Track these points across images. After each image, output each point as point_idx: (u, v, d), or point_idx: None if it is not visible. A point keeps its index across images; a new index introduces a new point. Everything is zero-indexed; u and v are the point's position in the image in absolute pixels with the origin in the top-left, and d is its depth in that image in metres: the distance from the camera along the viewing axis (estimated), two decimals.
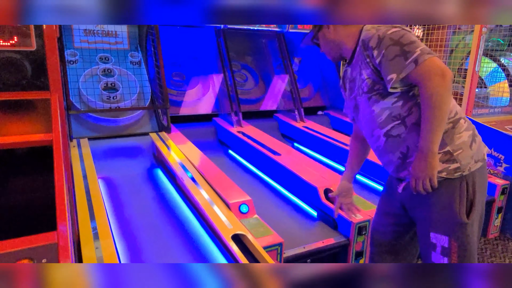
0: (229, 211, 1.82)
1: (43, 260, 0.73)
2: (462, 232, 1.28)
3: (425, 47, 1.23)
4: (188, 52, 3.62)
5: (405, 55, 1.22)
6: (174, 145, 2.63)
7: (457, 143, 1.29)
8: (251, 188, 2.45)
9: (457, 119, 1.32)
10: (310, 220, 2.11)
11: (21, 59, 1.28)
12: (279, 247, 1.66)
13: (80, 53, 2.97)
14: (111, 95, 2.90)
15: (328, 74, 4.13)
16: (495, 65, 4.40)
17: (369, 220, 1.90)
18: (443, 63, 1.21)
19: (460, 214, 1.28)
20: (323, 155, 3.12)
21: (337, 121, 3.84)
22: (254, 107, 3.73)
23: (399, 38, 1.25)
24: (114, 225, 1.93)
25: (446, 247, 1.31)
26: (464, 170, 1.28)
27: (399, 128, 1.33)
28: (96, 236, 1.51)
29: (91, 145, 2.54)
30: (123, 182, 2.43)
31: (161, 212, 2.10)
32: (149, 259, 1.69)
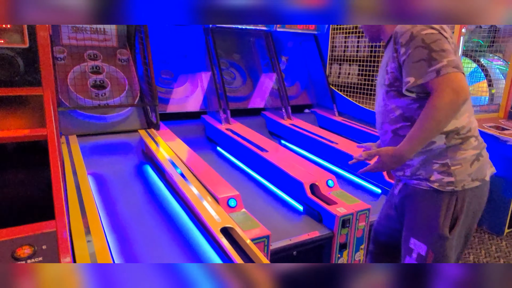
0: (218, 206, 1.87)
1: (43, 246, 0.77)
2: (440, 245, 1.30)
3: (454, 60, 1.18)
4: (177, 50, 3.65)
5: (430, 61, 1.18)
6: (163, 142, 2.66)
7: (458, 158, 1.28)
8: (239, 183, 2.50)
9: (468, 136, 1.30)
10: (296, 214, 2.18)
11: (14, 56, 1.31)
12: (266, 239, 1.72)
13: (68, 50, 2.97)
14: (100, 92, 2.91)
15: (314, 73, 4.21)
16: (475, 66, 4.56)
17: (352, 214, 1.98)
18: (465, 82, 1.17)
19: (442, 227, 1.29)
20: (310, 152, 3.19)
21: (323, 119, 3.93)
22: (242, 104, 3.78)
23: (431, 42, 1.19)
24: (104, 219, 1.96)
25: (423, 255, 1.34)
26: (457, 186, 1.28)
27: (407, 129, 1.31)
28: (88, 231, 1.54)
29: (80, 142, 2.56)
30: (113, 178, 2.46)
31: (150, 207, 2.14)
32: (140, 252, 1.73)
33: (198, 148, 2.94)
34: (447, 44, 1.20)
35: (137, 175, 2.55)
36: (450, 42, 1.23)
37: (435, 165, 1.29)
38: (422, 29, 1.22)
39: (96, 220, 1.61)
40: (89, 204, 1.74)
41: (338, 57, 4.41)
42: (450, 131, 1.28)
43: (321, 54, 4.07)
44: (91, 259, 1.36)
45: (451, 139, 1.29)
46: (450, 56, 1.18)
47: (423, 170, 1.32)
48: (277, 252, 1.83)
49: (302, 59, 4.31)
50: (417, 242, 1.35)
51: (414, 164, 1.35)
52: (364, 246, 2.11)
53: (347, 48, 4.36)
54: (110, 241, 1.78)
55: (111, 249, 1.70)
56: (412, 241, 1.37)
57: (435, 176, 1.29)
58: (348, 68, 4.39)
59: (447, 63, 1.17)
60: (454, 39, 1.29)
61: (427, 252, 1.32)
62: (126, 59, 3.22)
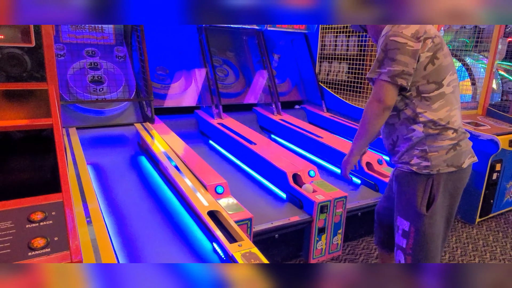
0: (206, 192, 2.04)
1: (53, 212, 0.95)
2: (420, 221, 1.47)
3: (395, 70, 1.34)
4: (172, 47, 3.81)
5: (380, 64, 1.39)
6: (158, 135, 2.83)
7: (435, 146, 1.43)
8: (228, 173, 2.68)
9: (446, 128, 1.43)
10: (280, 202, 2.36)
11: (22, 54, 1.47)
12: (249, 221, 1.90)
13: (68, 47, 3.13)
14: (98, 87, 3.07)
15: (305, 71, 4.37)
16: (460, 64, 4.74)
17: (330, 201, 2.16)
18: (391, 94, 1.37)
19: (420, 205, 1.46)
20: (298, 145, 3.37)
21: (313, 115, 4.10)
22: (235, 100, 3.95)
23: (390, 49, 1.36)
24: (103, 205, 2.14)
25: (406, 231, 1.52)
26: (433, 170, 1.43)
27: (394, 118, 1.50)
28: (89, 218, 1.68)
29: (79, 134, 2.72)
30: (110, 168, 2.63)
31: (145, 194, 2.31)
32: (135, 235, 1.90)
33: (191, 141, 3.12)
34: (404, 54, 1.35)
35: (133, 166, 2.72)
36: (415, 52, 1.35)
37: (416, 151, 1.45)
38: (394, 34, 1.38)
39: (95, 208, 1.77)
40: (89, 193, 1.90)
41: (328, 55, 4.57)
42: (428, 121, 1.42)
43: (311, 53, 4.24)
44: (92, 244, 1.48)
45: (428, 129, 1.43)
46: (397, 66, 1.35)
47: (406, 155, 1.49)
48: (260, 234, 2.00)
49: (293, 57, 4.48)
50: (402, 219, 1.54)
51: (400, 150, 1.52)
52: (342, 231, 2.29)
53: (337, 47, 4.53)
54: (108, 224, 1.95)
55: (109, 230, 1.87)
56: (398, 219, 1.56)
57: (414, 160, 1.46)
58: (338, 66, 4.56)
59: (386, 71, 1.36)
60: (438, 44, 1.40)
61: (409, 228, 1.50)
62: (123, 56, 3.38)
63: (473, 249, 2.54)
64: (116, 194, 2.27)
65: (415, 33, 1.37)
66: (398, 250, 1.59)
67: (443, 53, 1.41)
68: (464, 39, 5.16)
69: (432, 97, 1.42)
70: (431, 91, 1.41)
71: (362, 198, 2.51)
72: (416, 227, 1.49)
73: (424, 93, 1.41)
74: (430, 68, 1.40)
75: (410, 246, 1.53)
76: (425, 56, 1.38)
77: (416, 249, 1.52)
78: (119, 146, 2.94)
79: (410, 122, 1.46)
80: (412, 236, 1.51)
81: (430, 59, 1.39)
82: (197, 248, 1.76)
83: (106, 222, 1.91)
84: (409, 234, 1.51)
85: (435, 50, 1.39)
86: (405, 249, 1.55)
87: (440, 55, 1.40)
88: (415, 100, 1.43)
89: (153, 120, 3.09)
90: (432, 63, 1.40)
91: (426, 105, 1.42)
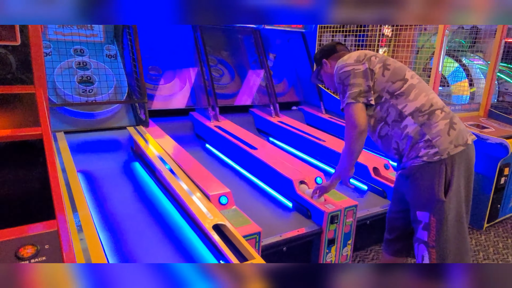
0: (209, 203, 1.89)
1: (46, 246, 0.79)
2: (439, 209, 1.46)
3: (354, 92, 1.54)
4: (165, 46, 3.63)
5: (343, 94, 1.58)
6: (152, 139, 2.66)
7: (434, 131, 1.47)
8: (229, 180, 2.53)
9: (432, 110, 1.50)
10: (286, 211, 2.22)
11: (6, 53, 1.30)
12: (257, 235, 1.76)
13: (54, 45, 2.93)
14: (87, 88, 2.88)
15: (302, 71, 4.25)
16: (457, 65, 4.69)
17: (340, 210, 2.04)
18: (359, 113, 1.53)
19: (438, 192, 1.45)
20: (298, 149, 3.24)
21: (311, 116, 3.98)
22: (230, 101, 3.79)
23: (344, 78, 1.58)
24: (95, 217, 1.96)
25: (427, 222, 1.49)
26: (443, 154, 1.45)
27: (385, 128, 1.58)
28: (80, 228, 1.54)
29: (68, 139, 2.53)
30: (102, 175, 2.45)
31: (141, 205, 2.15)
32: (132, 250, 1.74)
33: (187, 145, 2.95)
34: (356, 77, 1.55)
35: (127, 173, 2.55)
36: (364, 72, 1.55)
37: (420, 143, 1.48)
38: (340, 68, 1.61)
39: (87, 217, 1.61)
40: (79, 201, 1.74)
41: None
42: (413, 111, 1.51)
43: (309, 52, 4.12)
44: (84, 255, 1.36)
45: (417, 118, 1.50)
46: (354, 87, 1.54)
47: (413, 151, 1.51)
48: (267, 248, 1.87)
49: (289, 56, 4.35)
50: (421, 212, 1.51)
51: (406, 151, 1.54)
52: (351, 241, 2.17)
53: None
54: (102, 238, 1.78)
55: (103, 245, 1.71)
56: (418, 213, 1.53)
57: (423, 151, 1.47)
58: None
59: (348, 95, 1.55)
60: (381, 57, 1.62)
61: (429, 218, 1.48)
62: (114, 55, 3.19)
63: (484, 257, 2.45)
64: (110, 205, 2.10)
65: (357, 58, 1.60)
66: (420, 244, 1.54)
67: (390, 61, 1.62)
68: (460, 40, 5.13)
69: (404, 91, 1.54)
70: (400, 87, 1.55)
71: (370, 205, 2.40)
72: (436, 216, 1.47)
73: (396, 91, 1.55)
74: (387, 73, 1.57)
75: (432, 238, 1.50)
76: (378, 67, 1.58)
77: (438, 239, 1.48)
78: (111, 151, 2.76)
79: (399, 121, 1.54)
80: (434, 226, 1.48)
81: (383, 67, 1.58)
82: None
83: (100, 237, 1.75)
84: (430, 224, 1.49)
85: (383, 61, 1.60)
86: (427, 242, 1.51)
87: (390, 62, 1.61)
88: (392, 101, 1.55)
89: (147, 123, 2.92)
90: (387, 69, 1.58)
91: (403, 100, 1.53)
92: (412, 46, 4.07)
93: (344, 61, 1.61)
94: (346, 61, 1.61)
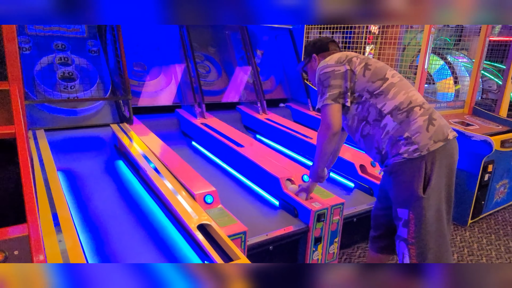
0: (194, 202, 1.86)
1: (15, 252, 0.74)
2: (418, 205, 1.45)
3: (333, 93, 1.57)
4: (150, 42, 3.55)
5: (320, 96, 1.61)
6: (136, 136, 2.60)
7: (413, 128, 1.47)
8: (215, 179, 2.49)
9: (411, 108, 1.50)
10: (273, 209, 2.20)
11: None
12: (243, 235, 1.73)
13: (34, 40, 2.83)
14: (69, 85, 2.80)
15: (289, 68, 4.23)
16: (443, 63, 4.74)
17: (327, 208, 2.02)
18: (335, 115, 1.56)
19: (417, 189, 1.45)
20: (285, 146, 3.22)
21: (298, 114, 3.96)
22: (217, 98, 3.75)
23: (324, 80, 1.60)
24: (76, 217, 1.91)
25: (406, 219, 1.49)
26: (422, 150, 1.44)
27: (367, 127, 1.58)
28: (59, 228, 1.48)
29: (48, 137, 2.45)
30: (84, 173, 2.39)
31: (124, 203, 2.09)
32: (114, 250, 1.69)
33: (173, 142, 2.90)
34: (334, 79, 1.58)
35: (110, 171, 2.48)
36: (344, 73, 1.58)
37: (401, 141, 1.48)
38: (321, 68, 1.63)
39: (66, 217, 1.55)
40: (59, 201, 1.68)
41: None
42: (392, 109, 1.51)
43: (296, 49, 4.10)
44: (63, 257, 1.31)
45: (396, 116, 1.50)
46: (332, 89, 1.58)
47: (394, 148, 1.51)
48: (254, 248, 1.84)
49: (277, 53, 4.32)
50: (401, 209, 1.51)
51: (388, 150, 1.53)
52: (338, 239, 2.16)
53: None
54: (82, 239, 1.73)
55: (84, 246, 1.66)
56: (398, 210, 1.53)
57: (403, 149, 1.47)
58: None
59: (326, 97, 1.58)
60: (363, 59, 1.63)
61: (408, 215, 1.48)
62: (97, 50, 3.11)
63: (469, 253, 2.48)
64: (91, 205, 2.04)
65: (338, 59, 1.62)
66: (400, 242, 1.55)
67: (373, 61, 1.62)
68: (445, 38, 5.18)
69: (384, 89, 1.55)
70: (379, 86, 1.55)
71: (357, 202, 2.40)
72: (415, 213, 1.47)
73: (375, 91, 1.55)
74: (368, 73, 1.58)
75: (412, 234, 1.49)
76: (359, 68, 1.59)
77: (418, 236, 1.48)
78: (94, 150, 2.69)
79: (379, 120, 1.53)
80: (413, 223, 1.48)
81: (364, 68, 1.59)
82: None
83: (80, 237, 1.70)
84: (409, 221, 1.48)
85: (364, 62, 1.61)
86: (407, 239, 1.51)
87: (371, 62, 1.61)
88: (372, 100, 1.55)
89: (131, 121, 2.85)
90: (368, 69, 1.59)
91: (382, 98, 1.54)
92: (399, 44, 4.09)
93: (325, 63, 1.63)
94: (327, 63, 1.63)
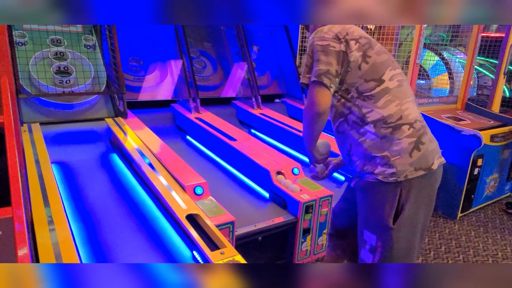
0: (185, 193, 1.90)
1: None
2: (387, 235, 1.32)
3: (320, 69, 1.31)
4: (146, 37, 3.59)
5: (308, 69, 1.36)
6: (131, 130, 2.64)
7: (395, 149, 1.29)
8: (207, 172, 2.54)
9: (398, 124, 1.31)
10: (263, 201, 2.24)
11: None
12: (231, 225, 1.77)
13: (30, 35, 2.87)
14: (64, 79, 2.84)
15: (285, 63, 4.25)
16: (438, 59, 4.76)
17: (315, 200, 2.06)
18: (323, 96, 1.31)
19: (387, 217, 1.30)
20: (279, 141, 3.26)
21: (293, 109, 4.00)
22: (212, 93, 3.78)
23: (316, 52, 1.34)
24: (69, 209, 1.95)
25: (374, 245, 1.36)
26: (400, 176, 1.28)
27: (344, 125, 1.39)
28: (51, 220, 1.51)
29: (44, 130, 2.50)
30: (78, 166, 2.43)
31: (117, 196, 2.14)
32: (106, 241, 1.74)
33: (167, 137, 2.94)
34: (325, 56, 1.32)
35: (104, 165, 2.53)
36: (338, 53, 1.33)
37: (378, 159, 1.31)
38: (317, 38, 1.36)
39: (59, 209, 1.60)
40: (52, 193, 1.72)
41: None
42: (377, 120, 1.31)
43: (291, 45, 4.12)
44: (54, 248, 1.35)
45: (379, 129, 1.31)
46: (322, 65, 1.31)
47: (369, 164, 1.33)
48: (242, 237, 1.88)
49: (273, 49, 4.35)
50: (369, 233, 1.37)
51: (357, 159, 1.38)
52: (327, 231, 2.20)
53: None
54: (75, 231, 1.77)
55: (76, 238, 1.70)
56: (365, 233, 1.39)
57: (379, 169, 1.30)
58: None
59: (315, 73, 1.32)
60: (365, 44, 1.37)
61: (376, 242, 1.34)
62: (92, 45, 3.14)
63: (456, 245, 2.52)
64: (85, 197, 2.09)
65: (336, 35, 1.35)
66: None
67: (375, 52, 1.37)
68: (441, 34, 5.19)
69: (375, 94, 1.33)
70: (372, 88, 1.34)
71: None
72: (383, 242, 1.32)
73: (365, 92, 1.34)
74: (365, 67, 1.35)
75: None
76: (355, 56, 1.34)
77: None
78: (88, 143, 2.73)
79: (359, 125, 1.35)
80: (379, 251, 1.35)
81: (362, 58, 1.35)
82: (175, 256, 1.62)
83: (72, 228, 1.74)
84: (376, 249, 1.35)
85: (364, 50, 1.35)
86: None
87: (372, 53, 1.36)
88: (358, 102, 1.34)
89: (125, 115, 2.89)
90: (365, 62, 1.35)
91: (370, 104, 1.33)
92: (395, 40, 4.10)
93: (322, 32, 1.37)
94: (324, 33, 1.36)
